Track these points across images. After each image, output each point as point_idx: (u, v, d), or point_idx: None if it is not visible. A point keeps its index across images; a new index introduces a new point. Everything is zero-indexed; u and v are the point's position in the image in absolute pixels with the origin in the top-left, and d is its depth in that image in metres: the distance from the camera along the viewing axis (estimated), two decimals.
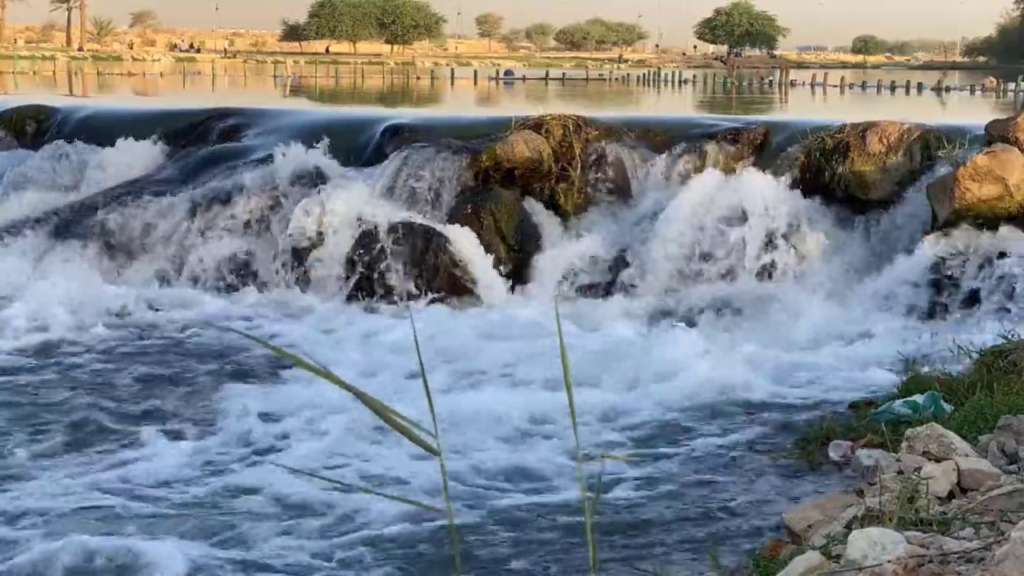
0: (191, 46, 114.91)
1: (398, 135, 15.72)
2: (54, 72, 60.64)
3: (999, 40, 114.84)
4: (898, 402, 8.13)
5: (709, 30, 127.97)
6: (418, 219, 14.23)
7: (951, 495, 5.26)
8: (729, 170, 14.51)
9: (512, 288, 13.99)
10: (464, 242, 14.08)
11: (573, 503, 7.58)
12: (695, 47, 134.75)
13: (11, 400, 10.03)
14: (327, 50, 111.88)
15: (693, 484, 8.11)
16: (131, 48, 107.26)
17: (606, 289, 13.80)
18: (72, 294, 13.36)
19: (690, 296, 13.26)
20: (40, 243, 14.80)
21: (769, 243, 13.65)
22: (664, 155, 15.00)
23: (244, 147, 16.07)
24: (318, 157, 15.29)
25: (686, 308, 12.92)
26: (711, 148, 14.88)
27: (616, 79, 70.70)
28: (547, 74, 69.47)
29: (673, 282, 13.60)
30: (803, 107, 39.23)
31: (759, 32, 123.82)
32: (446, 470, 1.89)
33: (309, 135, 16.02)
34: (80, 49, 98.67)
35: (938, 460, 5.59)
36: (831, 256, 13.59)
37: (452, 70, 74.13)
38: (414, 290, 13.84)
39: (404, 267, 13.92)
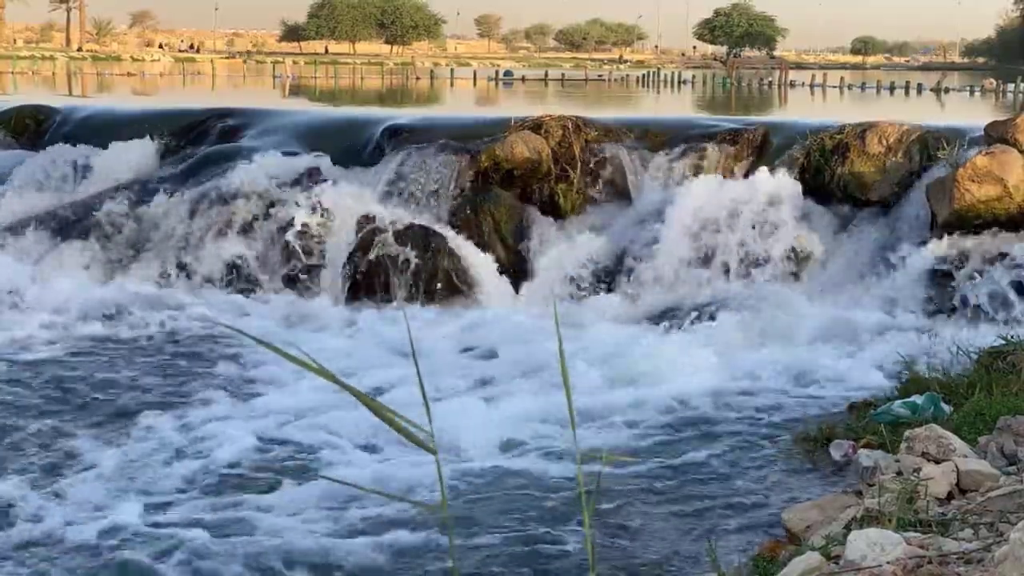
0: (191, 46, 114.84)
1: (397, 136, 15.70)
2: (53, 72, 60.60)
3: (998, 41, 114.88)
4: (897, 403, 8.13)
5: (708, 31, 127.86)
6: (417, 220, 14.23)
7: (950, 496, 5.26)
8: (728, 171, 14.51)
9: (511, 289, 13.98)
10: (463, 243, 14.08)
11: (572, 503, 7.58)
12: (694, 48, 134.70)
13: (8, 399, 10.03)
14: (326, 50, 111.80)
15: (692, 484, 8.11)
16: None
17: (605, 289, 13.78)
18: (71, 294, 13.37)
19: (689, 296, 13.25)
20: (39, 243, 14.79)
21: (768, 243, 13.65)
22: (663, 156, 14.98)
23: (243, 147, 16.05)
24: (316, 158, 15.30)
25: (686, 308, 12.91)
26: (710, 149, 14.87)
27: (615, 80, 70.68)
28: (546, 74, 69.44)
29: (673, 282, 13.60)
30: (802, 108, 39.22)
31: (758, 33, 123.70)
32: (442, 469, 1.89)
33: (308, 135, 16.01)
34: (79, 49, 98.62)
35: (937, 461, 5.59)
36: (830, 257, 13.59)
37: (451, 70, 74.11)
38: (413, 291, 13.83)
39: (403, 268, 13.91)
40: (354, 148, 15.74)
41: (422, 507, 7.91)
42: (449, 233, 14.11)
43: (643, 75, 70.86)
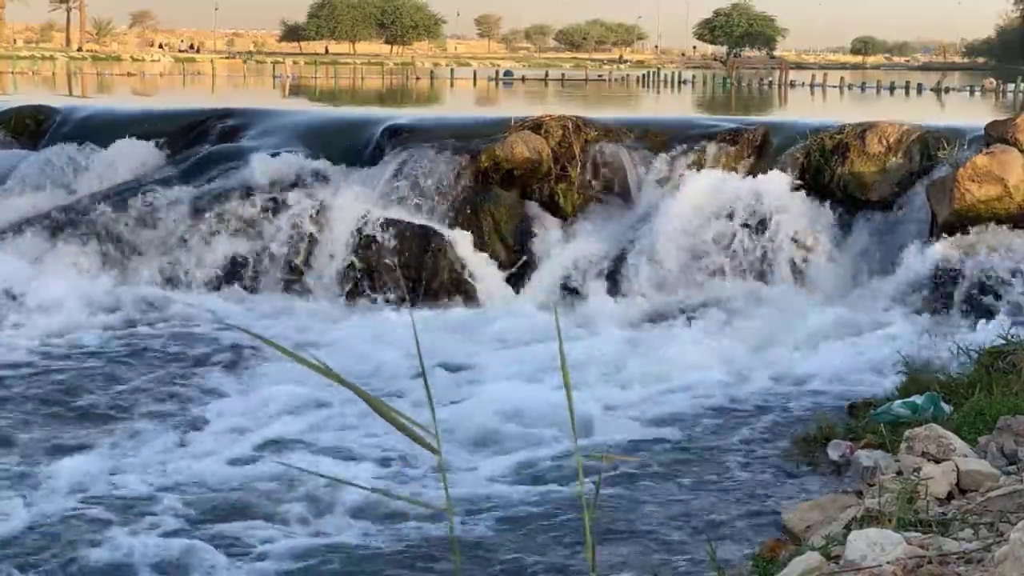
0: (191, 46, 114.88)
1: (397, 136, 15.70)
2: (53, 72, 60.61)
3: (998, 41, 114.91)
4: (897, 403, 8.13)
5: (708, 31, 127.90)
6: (417, 220, 14.23)
7: (950, 496, 5.26)
8: (728, 171, 14.50)
9: (511, 288, 13.98)
10: (463, 243, 14.08)
11: (572, 503, 7.58)
12: (694, 48, 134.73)
13: (9, 398, 10.03)
14: (326, 50, 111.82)
15: (692, 484, 8.11)
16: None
17: (606, 289, 13.78)
18: (71, 294, 13.36)
19: (689, 296, 13.25)
20: (39, 243, 14.79)
21: (768, 243, 13.65)
22: (663, 155, 14.99)
23: (243, 147, 16.05)
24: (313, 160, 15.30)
25: (685, 308, 12.91)
26: (710, 149, 14.87)
27: (615, 80, 70.70)
28: (546, 74, 69.49)
29: (672, 282, 13.60)
30: (802, 108, 39.23)
31: (758, 33, 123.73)
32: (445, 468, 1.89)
33: (308, 135, 16.01)
34: (79, 49, 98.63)
35: (937, 461, 5.59)
36: (830, 257, 13.59)
37: (451, 70, 74.13)
38: (413, 291, 13.83)
39: (403, 268, 13.91)
40: (354, 148, 15.73)
41: (425, 506, 7.91)
42: (449, 233, 14.11)
43: (643, 75, 70.88)
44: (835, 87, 58.61)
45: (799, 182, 14.10)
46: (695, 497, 7.85)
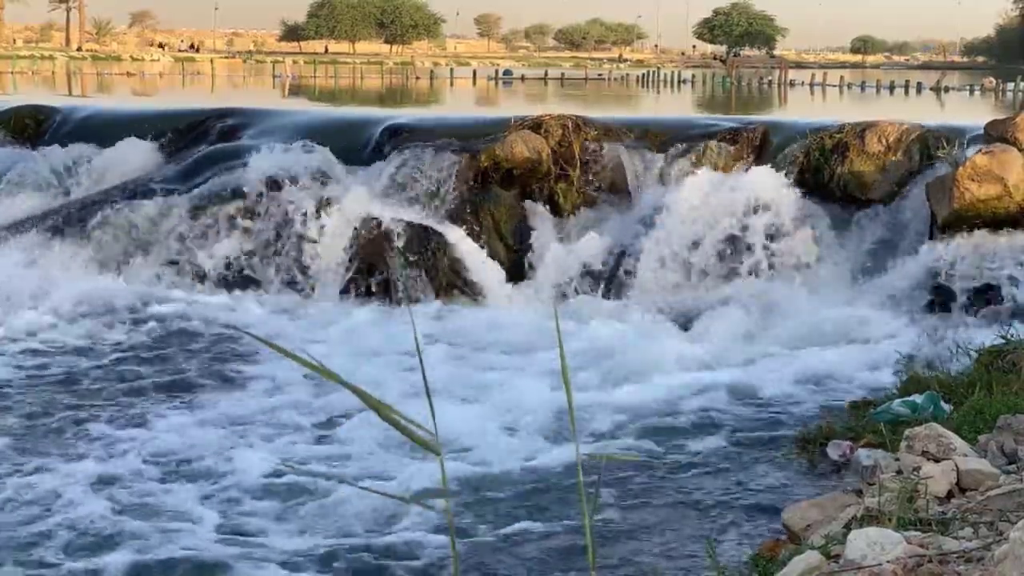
0: (191, 46, 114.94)
1: (397, 135, 15.70)
2: (53, 72, 60.62)
3: (998, 40, 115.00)
4: (897, 402, 8.13)
5: (708, 30, 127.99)
6: (417, 219, 14.23)
7: (950, 495, 5.26)
8: (728, 170, 14.50)
9: (511, 288, 13.98)
10: (463, 242, 14.08)
11: (572, 502, 7.58)
12: (694, 47, 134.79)
13: (11, 397, 10.03)
14: (326, 50, 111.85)
15: (692, 484, 8.11)
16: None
17: (605, 288, 13.79)
18: (71, 293, 13.37)
19: (689, 295, 13.25)
20: (39, 242, 14.79)
21: (768, 243, 13.65)
22: (663, 155, 14.98)
23: (243, 147, 16.04)
24: (316, 157, 15.28)
25: (685, 307, 12.91)
26: (710, 148, 14.87)
27: (615, 79, 70.73)
28: (546, 74, 69.55)
29: (672, 281, 13.60)
30: (802, 107, 39.23)
31: (758, 32, 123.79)
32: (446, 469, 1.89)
33: (308, 135, 16.01)
34: (79, 49, 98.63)
35: (937, 460, 5.59)
36: (829, 256, 13.59)
37: (451, 70, 74.16)
38: (413, 290, 13.83)
39: (403, 267, 13.91)
40: (354, 148, 15.72)
41: (424, 505, 7.91)
42: (449, 232, 14.11)
43: (643, 74, 70.94)
44: (835, 86, 58.66)
45: (798, 181, 14.09)
46: (695, 497, 7.85)
